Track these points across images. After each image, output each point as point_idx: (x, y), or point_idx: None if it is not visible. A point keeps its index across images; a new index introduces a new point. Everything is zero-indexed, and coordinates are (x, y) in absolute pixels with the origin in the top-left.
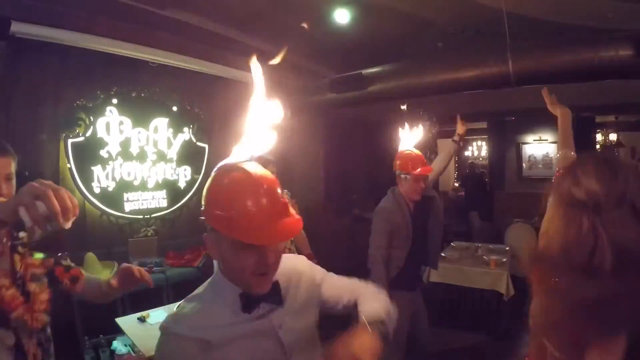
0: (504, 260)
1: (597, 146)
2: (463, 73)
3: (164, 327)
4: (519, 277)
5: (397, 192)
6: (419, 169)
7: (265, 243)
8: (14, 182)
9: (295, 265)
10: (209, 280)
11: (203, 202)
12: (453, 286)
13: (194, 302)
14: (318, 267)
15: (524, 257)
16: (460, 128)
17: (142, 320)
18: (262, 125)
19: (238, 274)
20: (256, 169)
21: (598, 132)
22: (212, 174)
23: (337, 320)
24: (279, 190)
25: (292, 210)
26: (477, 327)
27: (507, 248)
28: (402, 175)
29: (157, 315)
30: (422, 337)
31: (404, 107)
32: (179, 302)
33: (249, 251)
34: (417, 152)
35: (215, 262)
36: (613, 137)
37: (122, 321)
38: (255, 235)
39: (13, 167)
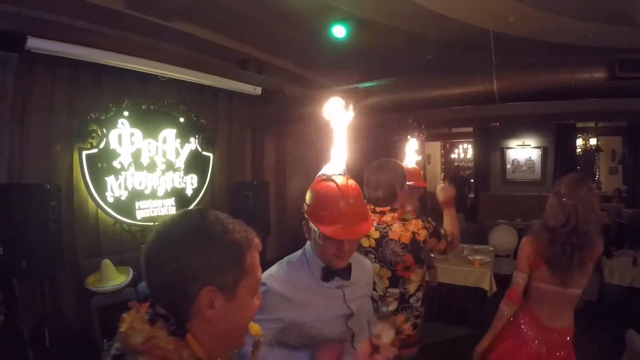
0: (488, 260)
1: (578, 150)
2: (451, 90)
3: (262, 283)
4: (500, 275)
5: None
6: (412, 182)
7: (342, 238)
8: None
9: (365, 261)
10: (301, 250)
11: (305, 201)
12: (442, 284)
13: (287, 265)
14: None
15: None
16: (441, 192)
17: None
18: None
19: (322, 254)
20: (343, 181)
21: (579, 137)
22: (314, 181)
23: None
24: (362, 198)
25: (371, 216)
26: (463, 321)
27: (491, 249)
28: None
29: None
30: None
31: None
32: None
33: (331, 241)
34: (413, 165)
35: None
36: (593, 141)
37: None
38: (335, 232)
39: None
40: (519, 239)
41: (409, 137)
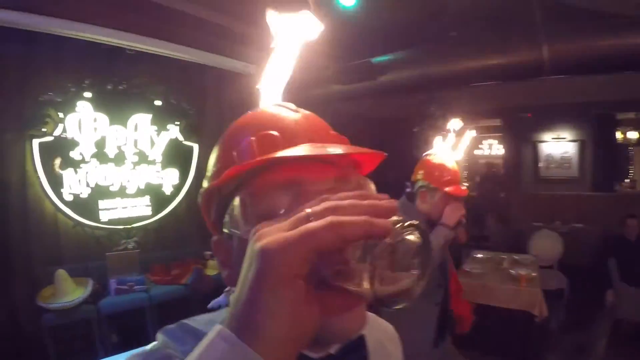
0: (534, 275)
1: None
2: (488, 61)
3: None
4: (546, 292)
5: (411, 209)
6: (451, 187)
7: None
8: None
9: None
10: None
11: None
12: (479, 305)
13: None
14: None
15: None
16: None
17: None
18: None
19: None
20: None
21: (618, 130)
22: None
23: None
24: None
25: None
26: (504, 352)
27: (534, 259)
28: (425, 189)
29: None
30: None
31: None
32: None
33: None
34: (453, 164)
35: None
36: (634, 135)
37: None
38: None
39: None
40: (564, 245)
41: (451, 128)
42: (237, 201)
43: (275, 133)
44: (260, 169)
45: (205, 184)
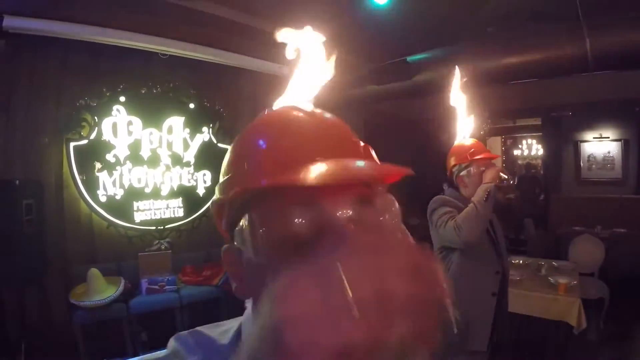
0: (574, 283)
1: None
2: (527, 56)
3: None
4: (586, 301)
5: (460, 198)
6: (481, 155)
7: None
8: None
9: None
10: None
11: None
12: (514, 314)
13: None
14: None
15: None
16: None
17: None
18: None
19: None
20: None
21: None
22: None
23: None
24: None
25: None
26: None
27: (574, 266)
28: (463, 172)
29: None
30: None
31: None
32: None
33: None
34: (473, 140)
35: None
36: None
37: None
38: None
39: None
40: (606, 252)
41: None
42: (246, 220)
43: (290, 142)
44: (272, 189)
45: (217, 191)
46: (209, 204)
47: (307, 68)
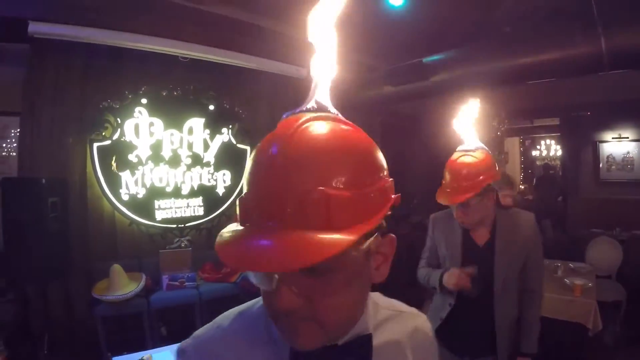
0: (590, 285)
1: None
2: (544, 56)
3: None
4: (602, 303)
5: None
6: (491, 180)
7: None
8: None
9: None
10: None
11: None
12: None
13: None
14: None
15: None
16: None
17: None
18: None
19: None
20: None
21: None
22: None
23: None
24: None
25: None
26: None
27: (591, 268)
28: (493, 191)
29: (160, 357)
30: None
31: None
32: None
33: None
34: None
35: None
36: None
37: None
38: None
39: None
40: (624, 254)
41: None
42: None
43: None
44: None
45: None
46: (228, 203)
47: (326, 70)
